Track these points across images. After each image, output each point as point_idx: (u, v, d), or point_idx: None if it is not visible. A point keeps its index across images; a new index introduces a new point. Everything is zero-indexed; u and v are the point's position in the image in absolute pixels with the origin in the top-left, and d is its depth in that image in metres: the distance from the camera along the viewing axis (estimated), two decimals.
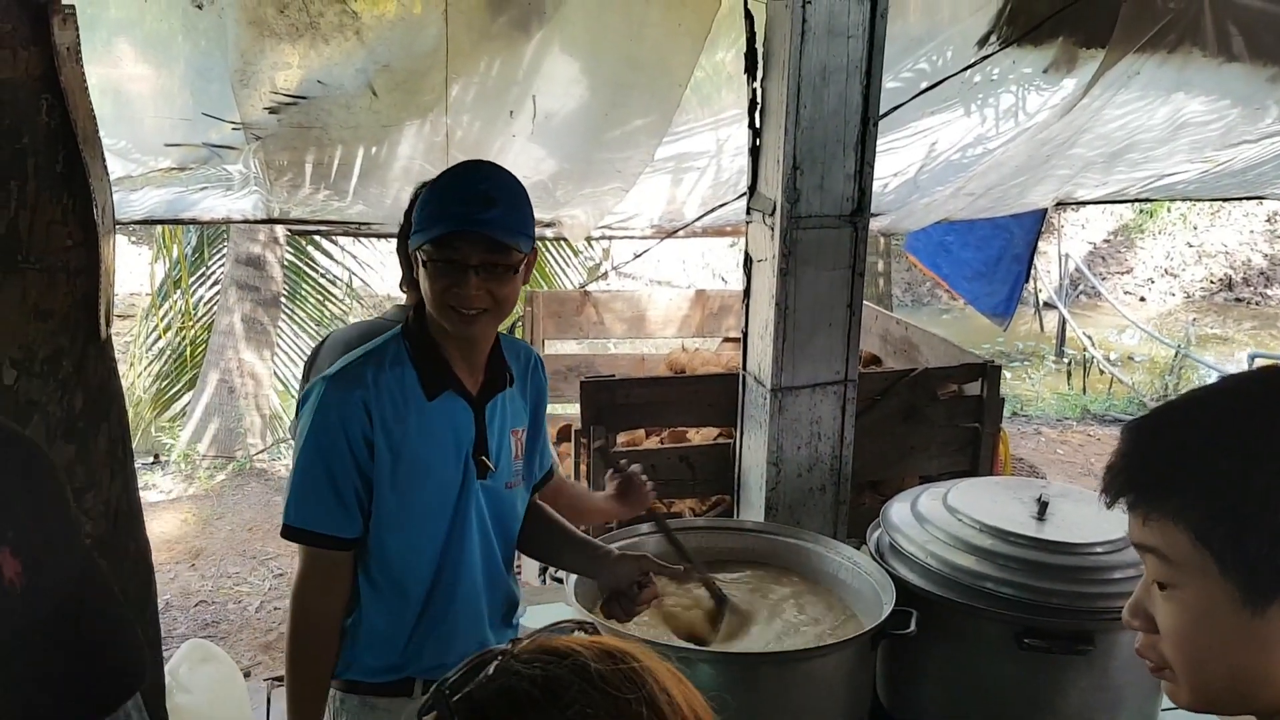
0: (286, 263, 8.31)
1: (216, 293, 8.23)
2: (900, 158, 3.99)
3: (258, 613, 5.04)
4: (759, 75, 2.90)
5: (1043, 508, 2.26)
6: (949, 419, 3.53)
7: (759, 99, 2.90)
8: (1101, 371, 10.50)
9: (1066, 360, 11.16)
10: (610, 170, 3.69)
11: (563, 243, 8.15)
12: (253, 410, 7.80)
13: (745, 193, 3.05)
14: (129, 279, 10.04)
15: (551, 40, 3.13)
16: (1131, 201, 5.17)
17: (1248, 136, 4.22)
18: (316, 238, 8.19)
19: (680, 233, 4.35)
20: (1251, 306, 14.73)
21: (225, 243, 8.18)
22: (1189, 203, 14.47)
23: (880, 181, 3.74)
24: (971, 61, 3.44)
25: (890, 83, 3.27)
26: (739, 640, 2.16)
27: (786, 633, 2.20)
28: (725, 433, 3.51)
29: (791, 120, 2.74)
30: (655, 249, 5.07)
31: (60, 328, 1.58)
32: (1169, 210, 15.28)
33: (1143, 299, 15.07)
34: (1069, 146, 4.11)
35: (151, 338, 8.45)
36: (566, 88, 3.30)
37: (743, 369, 3.12)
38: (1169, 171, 4.60)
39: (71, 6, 1.57)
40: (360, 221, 3.89)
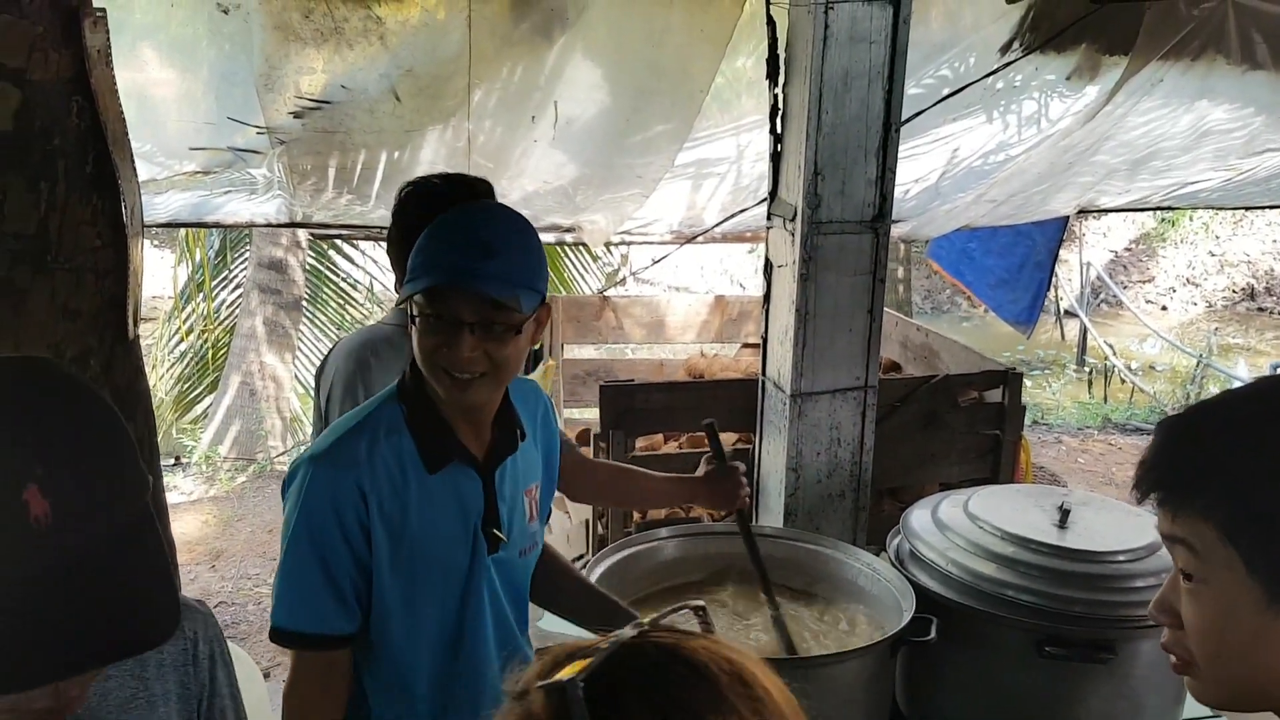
0: (308, 267, 8.36)
1: (239, 296, 8.29)
2: (922, 164, 3.99)
3: None
4: (780, 81, 2.90)
5: (1064, 516, 2.25)
6: (970, 426, 3.52)
7: (780, 104, 2.90)
8: (1123, 380, 10.43)
9: (1087, 369, 11.10)
10: (631, 176, 3.70)
11: (582, 248, 8.18)
12: (274, 413, 7.85)
13: (765, 198, 3.06)
14: (152, 282, 10.08)
15: (574, 46, 3.14)
16: (1154, 209, 5.16)
17: (1271, 144, 4.20)
18: (338, 242, 8.25)
19: (700, 238, 4.35)
20: (1274, 316, 14.61)
21: (248, 246, 8.24)
22: (1211, 211, 14.38)
23: (902, 188, 3.74)
24: (994, 68, 3.43)
25: (912, 89, 3.26)
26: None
27: (806, 638, 2.20)
28: (744, 438, 3.51)
29: (813, 126, 2.74)
30: (674, 255, 5.07)
31: (88, 327, 1.60)
32: (1191, 219, 15.18)
33: (1164, 308, 14.98)
34: (1092, 154, 4.10)
35: (174, 340, 8.52)
36: (588, 93, 3.31)
37: (762, 374, 3.12)
38: (1192, 179, 4.58)
39: (102, 10, 1.59)
40: (382, 226, 3.91)
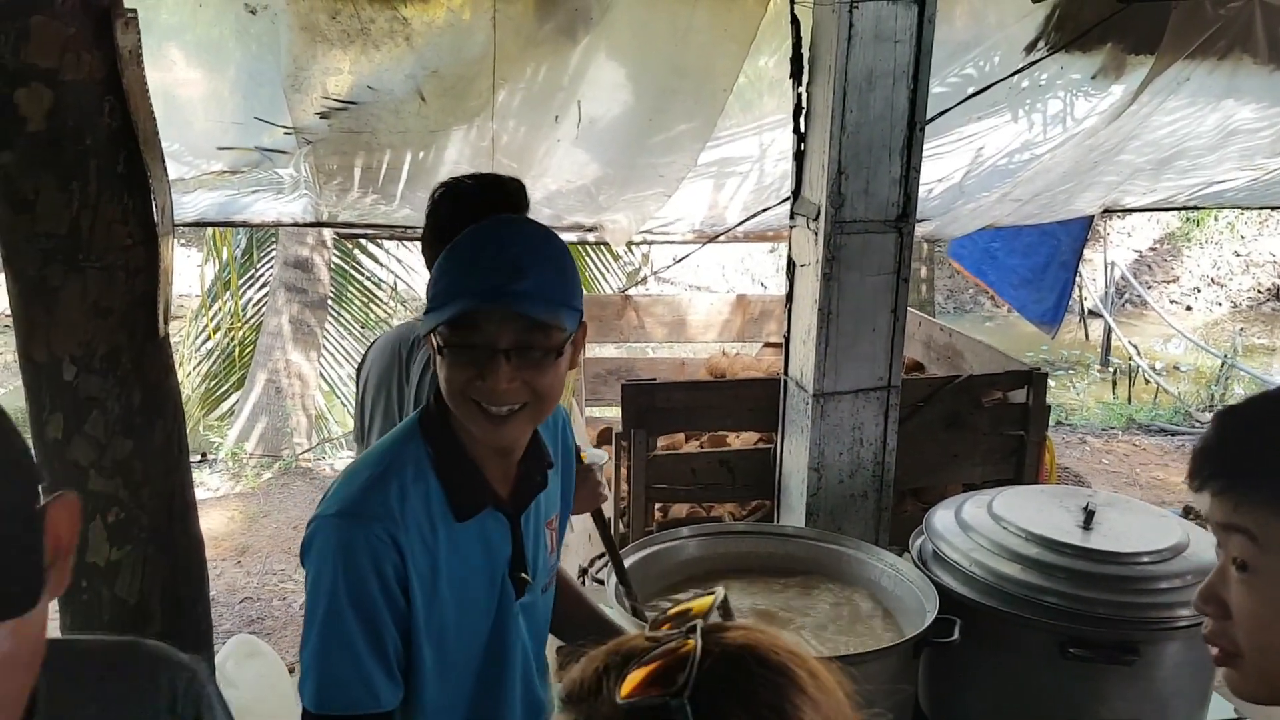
0: (333, 266, 8.42)
1: (265, 294, 8.35)
2: (946, 163, 3.98)
3: (302, 610, 5.10)
4: (804, 80, 2.90)
5: (1089, 517, 2.24)
6: (993, 426, 3.51)
7: (804, 103, 2.90)
8: (1147, 381, 10.36)
9: (1111, 369, 11.02)
10: (653, 175, 3.70)
11: (603, 247, 8.20)
12: (299, 410, 7.91)
13: (788, 197, 3.05)
14: (178, 281, 10.09)
15: (597, 46, 3.15)
16: (1179, 209, 5.13)
17: None
18: (363, 241, 8.30)
19: (722, 237, 4.35)
20: None
21: (274, 245, 8.31)
22: (1236, 211, 14.25)
23: (925, 187, 3.73)
24: (1019, 67, 3.42)
25: (936, 88, 3.26)
26: None
27: (828, 639, 2.20)
28: (765, 437, 3.51)
29: (837, 125, 2.74)
30: (695, 254, 5.07)
31: (119, 325, 1.62)
32: (1216, 219, 15.05)
33: (1189, 308, 14.85)
34: (1117, 153, 4.08)
35: (201, 338, 8.59)
36: (611, 93, 3.32)
37: (784, 374, 3.12)
38: (1218, 179, 4.55)
39: (133, 10, 1.61)
40: (406, 225, 3.95)
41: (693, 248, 4.68)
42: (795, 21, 2.87)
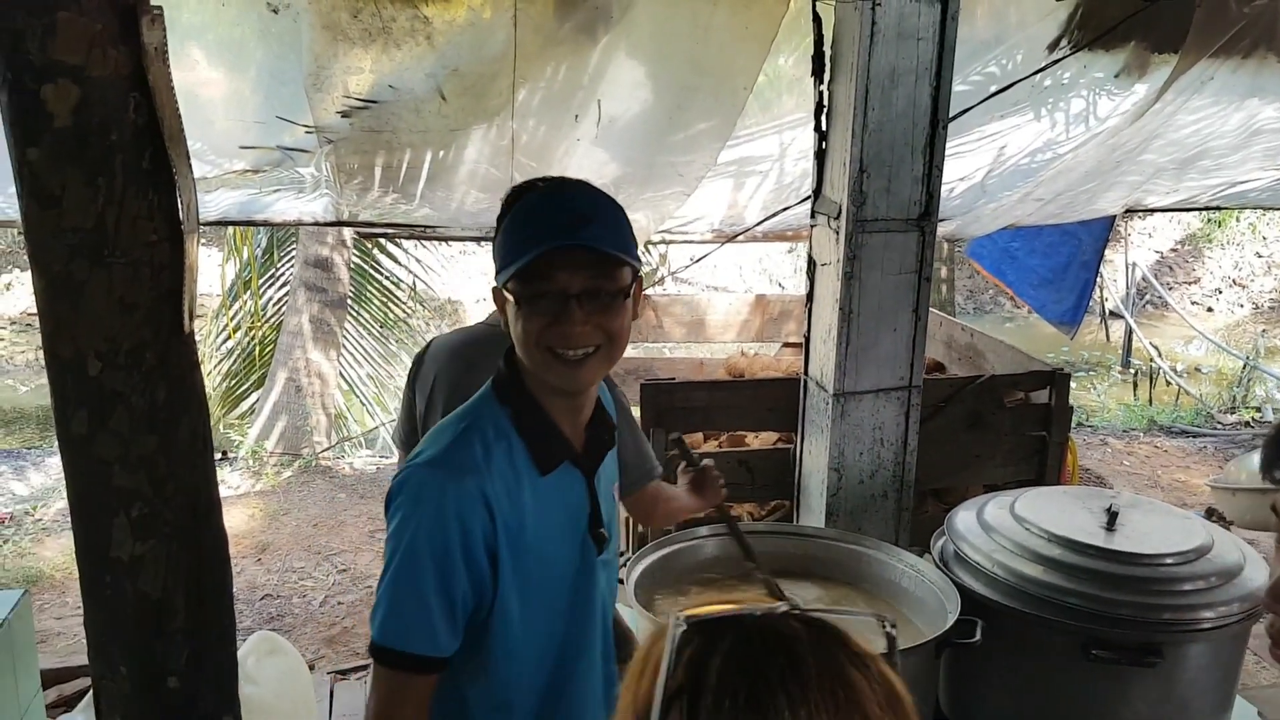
0: (353, 265, 8.46)
1: (285, 293, 8.40)
2: (967, 162, 3.96)
3: (321, 607, 5.12)
4: (826, 78, 2.89)
5: (1112, 518, 2.23)
6: (1015, 427, 3.49)
7: (825, 101, 2.89)
8: (1168, 383, 10.29)
9: (1133, 371, 10.96)
10: (672, 174, 3.70)
11: None
12: (319, 409, 7.94)
13: (808, 197, 3.04)
14: (199, 279, 10.25)
15: (617, 44, 3.15)
16: (1202, 209, 5.09)
17: None
18: (382, 241, 8.33)
19: (741, 237, 4.34)
20: None
21: (294, 245, 8.35)
22: (1259, 212, 14.13)
23: (946, 186, 3.71)
24: (1042, 65, 3.40)
25: (958, 86, 3.24)
26: None
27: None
28: (784, 437, 3.50)
29: (859, 123, 2.73)
30: (712, 254, 5.06)
31: (145, 320, 1.62)
32: (1238, 220, 14.94)
33: (1210, 309, 14.75)
34: (1140, 152, 4.05)
35: (221, 337, 8.65)
36: (631, 91, 3.32)
37: (804, 373, 3.11)
38: (1241, 179, 4.51)
39: (159, 7, 1.61)
40: (426, 225, 3.95)
41: (711, 247, 4.67)
42: (817, 19, 2.87)
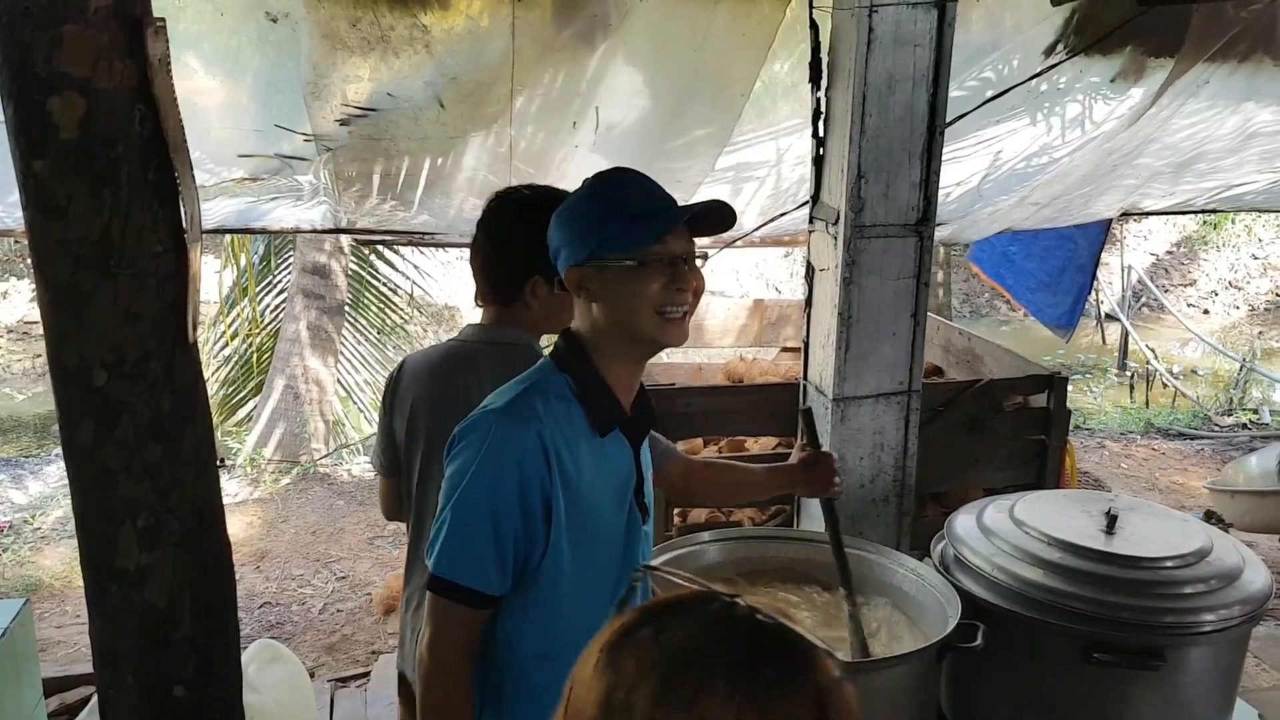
0: (350, 272, 8.44)
1: (283, 301, 8.38)
2: (964, 167, 3.97)
3: (321, 615, 5.11)
4: (823, 84, 2.90)
5: (1112, 521, 2.24)
6: (1014, 431, 3.50)
7: (823, 108, 2.90)
8: (1165, 385, 10.30)
9: (1129, 373, 10.97)
10: (670, 180, 3.69)
11: None
12: (317, 416, 7.93)
13: (805, 202, 3.05)
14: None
15: (615, 52, 3.16)
16: (1198, 212, 5.11)
17: None
18: (379, 247, 8.32)
19: (739, 242, 4.35)
20: None
21: (291, 252, 8.34)
22: (1254, 214, 14.16)
23: (943, 191, 3.71)
24: (1038, 70, 3.41)
25: (955, 91, 3.25)
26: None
27: (849, 644, 2.20)
28: (784, 442, 3.51)
29: (857, 129, 2.74)
30: (709, 260, 5.08)
31: (150, 331, 1.63)
32: (1233, 222, 14.97)
33: (1206, 311, 14.77)
34: (1136, 156, 4.07)
35: (219, 344, 8.63)
36: (629, 99, 3.33)
37: (804, 378, 3.12)
38: (1237, 182, 4.53)
39: (163, 19, 1.62)
40: (424, 231, 3.96)
41: (709, 252, 4.67)
42: (814, 26, 2.88)
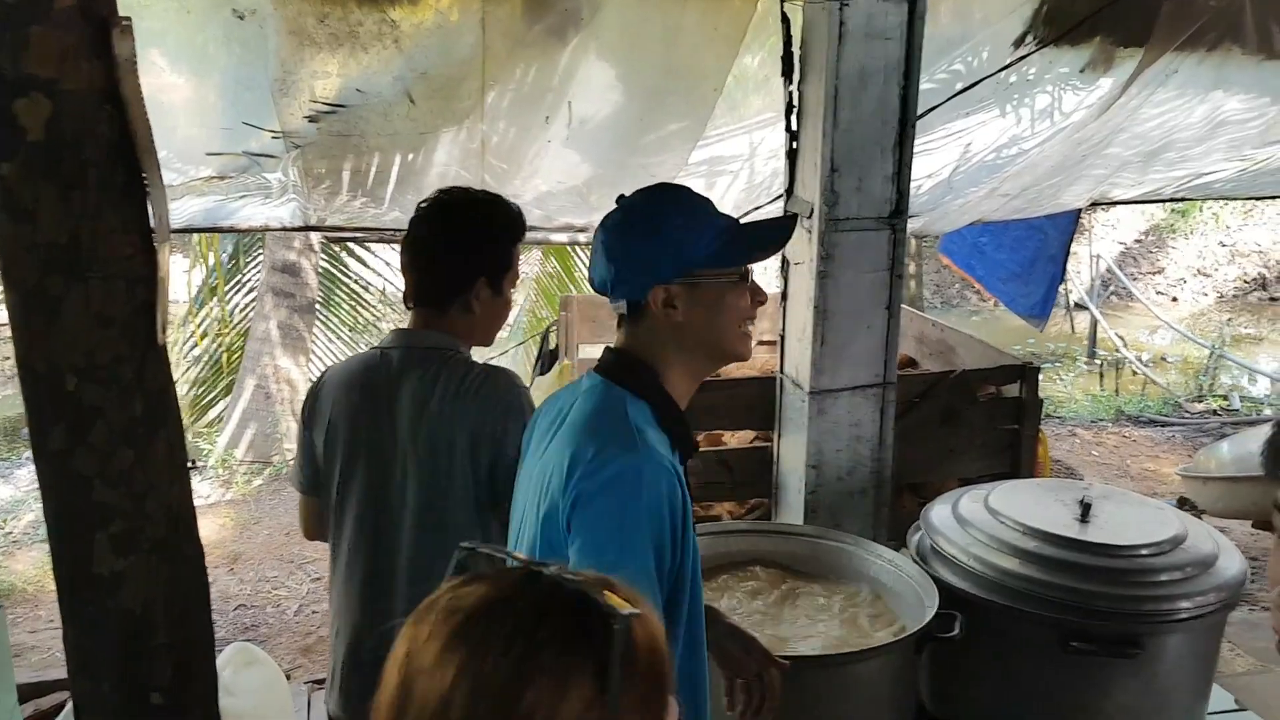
0: (321, 270, 8.38)
1: (252, 300, 8.31)
2: (934, 159, 3.98)
3: (296, 616, 5.08)
4: (795, 78, 2.90)
5: (1085, 509, 2.26)
6: (988, 421, 3.52)
7: (796, 102, 2.91)
8: (1134, 373, 10.41)
9: (1099, 361, 11.07)
10: (644, 175, 3.70)
11: None
12: (288, 415, 7.86)
13: (779, 196, 3.06)
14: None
15: (587, 46, 3.15)
16: (1167, 201, 5.14)
17: None
18: (350, 245, 8.26)
19: None
20: None
21: (261, 250, 8.26)
22: (1222, 202, 14.31)
23: (914, 183, 3.73)
24: (1007, 62, 3.43)
25: (925, 84, 3.26)
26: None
27: (831, 637, 2.20)
28: (762, 435, 3.51)
29: (829, 123, 2.75)
30: None
31: (121, 334, 1.61)
32: (1201, 210, 15.12)
33: (1175, 299, 14.92)
34: (1105, 146, 4.09)
35: (188, 344, 8.54)
36: (602, 93, 3.32)
37: (780, 372, 3.13)
38: (1206, 170, 4.57)
39: (129, 18, 1.59)
40: (395, 228, 3.92)
41: None
42: (785, 20, 2.88)
